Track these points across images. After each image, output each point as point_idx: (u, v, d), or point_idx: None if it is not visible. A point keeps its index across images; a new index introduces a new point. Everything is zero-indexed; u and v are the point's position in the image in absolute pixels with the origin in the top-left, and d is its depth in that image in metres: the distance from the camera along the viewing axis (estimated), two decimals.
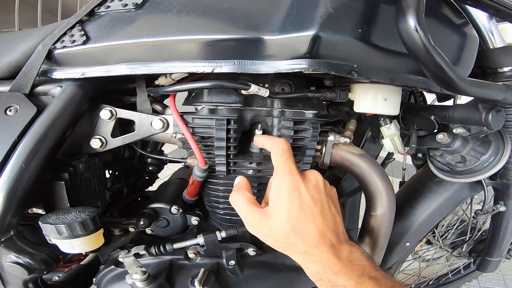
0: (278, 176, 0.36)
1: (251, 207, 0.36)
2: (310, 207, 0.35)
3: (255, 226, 0.36)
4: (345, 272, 0.33)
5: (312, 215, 0.35)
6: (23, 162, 0.35)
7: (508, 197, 0.58)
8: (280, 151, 0.37)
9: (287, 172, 0.36)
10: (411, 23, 0.26)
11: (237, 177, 0.41)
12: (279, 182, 0.36)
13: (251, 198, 0.37)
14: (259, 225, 0.36)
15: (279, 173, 0.36)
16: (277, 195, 0.35)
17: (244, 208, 0.36)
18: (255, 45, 0.33)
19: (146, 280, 0.39)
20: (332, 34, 0.31)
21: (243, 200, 0.37)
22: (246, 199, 0.37)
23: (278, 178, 0.36)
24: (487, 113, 0.36)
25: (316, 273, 0.34)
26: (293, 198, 0.35)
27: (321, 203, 0.36)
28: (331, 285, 0.33)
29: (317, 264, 0.34)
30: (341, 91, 0.42)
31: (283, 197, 0.35)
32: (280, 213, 0.34)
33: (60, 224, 0.35)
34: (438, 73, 0.27)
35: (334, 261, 0.34)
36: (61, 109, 0.37)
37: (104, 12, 0.38)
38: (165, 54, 0.36)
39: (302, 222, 0.34)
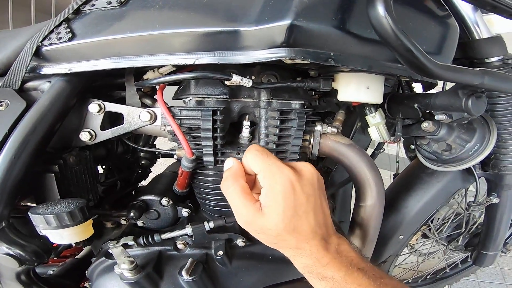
0: (268, 174, 0.35)
1: (245, 200, 0.34)
2: (303, 204, 0.34)
3: (247, 221, 0.35)
4: (334, 264, 0.33)
5: (305, 212, 0.34)
6: (13, 154, 0.36)
7: (501, 188, 0.58)
8: (256, 153, 0.36)
9: (274, 169, 0.34)
10: (380, 10, 0.27)
11: (228, 160, 0.38)
12: (269, 181, 0.34)
13: (246, 188, 0.35)
14: (252, 221, 0.34)
15: (266, 172, 0.35)
16: (270, 194, 0.34)
17: (238, 200, 0.34)
18: (234, 37, 0.34)
19: (134, 269, 0.40)
20: (307, 23, 0.32)
21: (237, 190, 0.34)
22: (241, 189, 0.34)
23: (269, 177, 0.35)
24: (467, 99, 0.37)
25: (305, 266, 0.35)
26: (287, 197, 0.33)
27: (314, 199, 0.35)
28: (320, 277, 0.34)
29: (307, 257, 0.34)
30: (324, 80, 0.42)
31: (277, 196, 0.33)
32: (274, 213, 0.33)
33: (49, 214, 0.36)
34: (409, 58, 0.28)
35: (323, 253, 0.34)
36: (49, 103, 0.38)
37: (89, 10, 0.39)
38: (148, 48, 0.37)
39: (295, 220, 0.33)
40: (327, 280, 0.33)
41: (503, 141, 0.50)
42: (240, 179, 0.35)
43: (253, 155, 0.36)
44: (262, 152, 0.36)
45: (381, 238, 0.65)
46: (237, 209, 0.35)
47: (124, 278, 0.41)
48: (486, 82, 0.33)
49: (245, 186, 0.35)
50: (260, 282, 0.49)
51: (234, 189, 0.35)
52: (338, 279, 0.33)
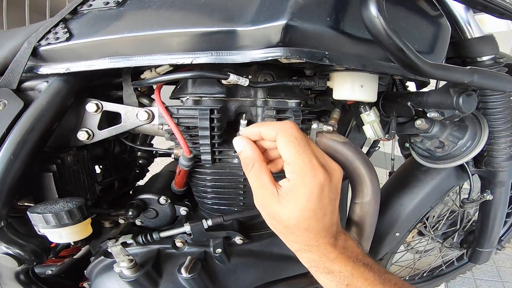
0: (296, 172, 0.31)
1: (264, 181, 0.32)
2: (325, 207, 0.32)
3: (262, 203, 0.33)
4: (341, 259, 0.33)
5: (324, 214, 0.32)
6: (11, 154, 0.36)
7: (495, 185, 0.59)
8: (291, 141, 0.31)
9: (307, 170, 0.31)
10: (372, 10, 0.28)
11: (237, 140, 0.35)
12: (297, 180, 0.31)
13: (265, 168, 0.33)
14: (266, 205, 0.33)
15: (297, 169, 0.31)
16: (293, 192, 0.31)
17: (256, 180, 0.33)
18: (231, 37, 0.35)
19: (133, 267, 0.41)
20: (302, 23, 0.32)
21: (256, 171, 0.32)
22: (259, 169, 0.32)
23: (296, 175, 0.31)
24: (458, 96, 0.38)
25: (311, 260, 0.34)
26: (312, 199, 0.31)
27: (335, 202, 0.34)
28: (327, 271, 0.33)
29: (314, 253, 0.34)
30: (319, 79, 0.43)
31: (299, 197, 0.31)
32: (292, 208, 0.31)
33: (47, 213, 0.36)
34: (401, 57, 0.29)
35: (330, 250, 0.33)
36: (47, 103, 0.39)
37: (86, 10, 0.40)
38: (145, 48, 0.37)
39: (312, 221, 0.32)
40: (334, 274, 0.33)
41: (496, 138, 0.51)
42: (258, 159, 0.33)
43: (287, 141, 0.31)
44: (299, 141, 0.31)
45: (377, 236, 0.66)
46: (256, 189, 0.33)
47: (124, 276, 0.42)
48: (476, 80, 0.34)
49: (263, 166, 0.33)
50: (258, 279, 0.49)
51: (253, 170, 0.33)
52: (346, 274, 0.33)
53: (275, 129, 0.32)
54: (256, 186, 0.33)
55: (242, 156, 0.34)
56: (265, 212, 0.34)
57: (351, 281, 0.33)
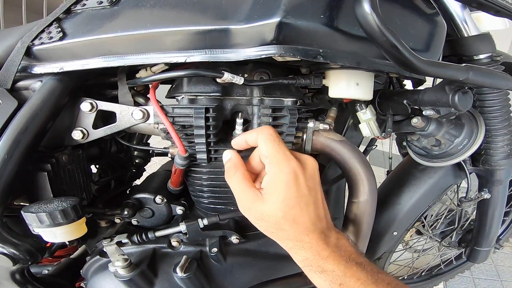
0: (274, 163, 0.34)
1: (246, 186, 0.35)
2: (305, 196, 0.34)
3: (247, 207, 0.35)
4: (333, 258, 0.33)
5: (306, 204, 0.34)
6: (5, 153, 0.36)
7: (492, 183, 0.59)
8: (268, 137, 0.35)
9: (282, 158, 0.34)
10: (366, 7, 0.28)
11: (226, 152, 0.38)
12: (275, 169, 0.34)
13: (247, 175, 0.36)
14: (251, 207, 0.35)
15: (274, 160, 0.34)
16: (273, 183, 0.34)
17: (238, 186, 0.35)
18: (225, 35, 0.35)
19: (128, 267, 0.40)
20: (296, 20, 0.32)
21: (238, 177, 0.35)
22: (241, 175, 0.35)
23: (274, 165, 0.34)
24: (453, 94, 0.37)
25: (305, 259, 0.34)
26: (290, 186, 0.34)
27: (315, 193, 0.36)
28: (320, 270, 0.34)
29: (307, 250, 0.34)
30: (315, 77, 0.43)
31: (279, 185, 0.34)
32: (275, 200, 0.33)
33: (41, 213, 0.36)
34: (395, 54, 0.29)
35: (323, 247, 0.34)
36: (41, 102, 0.38)
37: (80, 10, 0.39)
38: (139, 47, 0.37)
39: (296, 210, 0.34)
40: (327, 273, 0.33)
41: (493, 136, 0.51)
42: (240, 167, 0.36)
43: (266, 138, 0.35)
44: (275, 137, 0.35)
45: (375, 235, 0.66)
46: (238, 195, 0.35)
47: (119, 275, 0.42)
48: (471, 77, 0.33)
49: (245, 174, 0.36)
50: (254, 279, 0.49)
51: (235, 176, 0.35)
52: (338, 273, 0.33)
53: (255, 131, 0.37)
54: (239, 192, 0.35)
55: (227, 165, 0.37)
56: (252, 215, 0.35)
57: (344, 281, 0.33)
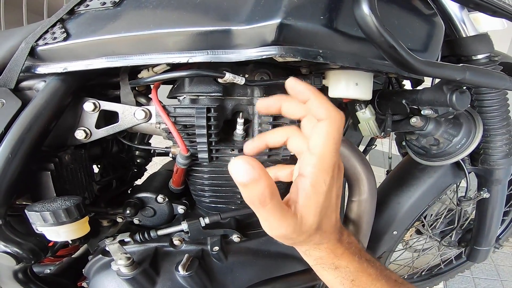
0: (321, 167, 0.26)
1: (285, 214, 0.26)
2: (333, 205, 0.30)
3: (285, 234, 0.28)
4: (347, 255, 0.33)
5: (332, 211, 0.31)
6: (9, 153, 0.37)
7: (491, 183, 0.59)
8: (336, 134, 0.26)
9: (331, 167, 0.27)
10: (364, 8, 0.28)
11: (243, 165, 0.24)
12: (318, 177, 0.27)
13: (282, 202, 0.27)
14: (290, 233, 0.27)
15: (322, 164, 0.26)
16: (312, 193, 0.27)
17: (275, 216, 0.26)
18: (227, 36, 0.35)
19: (131, 265, 0.41)
20: (297, 22, 0.33)
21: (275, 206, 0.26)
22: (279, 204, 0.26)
23: (319, 170, 0.26)
24: (451, 94, 0.38)
25: (318, 258, 0.33)
26: (326, 199, 0.28)
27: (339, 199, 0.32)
28: (334, 267, 0.33)
29: (322, 251, 0.33)
30: (315, 77, 0.44)
31: (318, 197, 0.27)
32: (312, 214, 0.28)
33: (45, 212, 0.37)
34: (393, 54, 0.29)
35: (337, 245, 0.33)
36: (45, 102, 0.39)
37: (83, 11, 0.40)
38: (142, 47, 0.38)
39: (324, 219, 0.30)
40: (340, 270, 0.33)
41: (492, 136, 0.51)
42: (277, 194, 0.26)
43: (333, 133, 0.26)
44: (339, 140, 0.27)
45: (375, 234, 0.66)
46: (276, 224, 0.27)
47: (121, 274, 0.42)
48: (468, 77, 0.34)
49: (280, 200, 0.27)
50: (255, 277, 0.49)
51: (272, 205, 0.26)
52: (351, 269, 0.33)
53: (327, 110, 0.26)
54: (277, 221, 0.27)
55: (250, 190, 0.25)
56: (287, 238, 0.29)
57: (356, 277, 0.33)
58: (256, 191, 0.24)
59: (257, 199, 0.25)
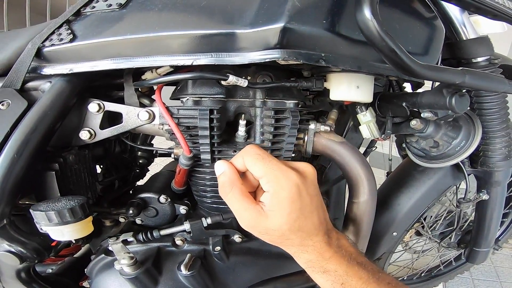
0: (271, 180, 0.33)
1: (246, 204, 0.33)
2: (308, 205, 0.34)
3: (250, 224, 0.34)
4: (336, 258, 0.34)
5: (310, 212, 0.34)
6: (15, 153, 0.37)
7: (491, 185, 0.60)
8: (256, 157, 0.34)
9: (279, 174, 0.33)
10: (366, 13, 0.29)
11: (218, 164, 0.36)
12: (275, 187, 0.33)
13: (244, 191, 0.34)
14: (255, 224, 0.34)
15: (271, 177, 0.33)
16: (276, 199, 0.33)
17: (238, 204, 0.34)
18: (231, 39, 0.36)
19: (133, 265, 0.41)
20: (300, 25, 0.33)
21: (236, 194, 0.34)
22: (240, 192, 0.34)
23: (272, 183, 0.33)
24: (450, 97, 0.39)
25: (308, 261, 0.35)
26: (294, 200, 0.33)
27: (316, 199, 0.35)
28: (323, 270, 0.34)
29: (310, 253, 0.35)
30: (317, 80, 0.44)
31: (282, 201, 0.33)
32: (280, 216, 0.33)
33: (50, 211, 0.37)
34: (393, 58, 0.30)
35: (326, 248, 0.34)
36: (50, 102, 0.39)
37: (89, 12, 0.41)
38: (147, 49, 0.38)
39: (301, 220, 0.33)
40: (329, 273, 0.34)
41: (491, 138, 0.52)
42: (237, 183, 0.35)
43: (254, 159, 0.34)
44: (263, 155, 0.35)
45: (375, 235, 0.66)
46: (239, 213, 0.34)
47: (124, 273, 0.42)
48: (468, 81, 0.35)
49: (243, 189, 0.34)
50: (257, 277, 0.50)
51: (233, 194, 0.34)
52: (341, 272, 0.34)
53: (240, 155, 0.36)
54: (239, 210, 0.34)
55: (221, 179, 0.36)
56: (257, 231, 0.35)
57: (346, 280, 0.33)
58: (220, 182, 0.36)
59: (222, 188, 0.35)
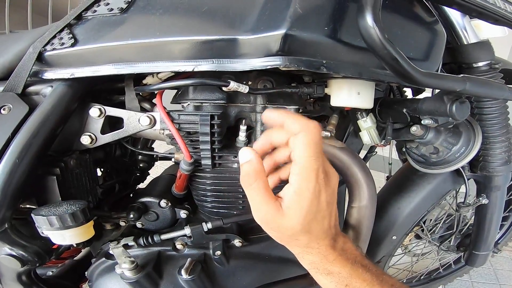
0: (303, 177, 0.31)
1: (268, 198, 0.32)
2: (324, 210, 0.33)
3: (265, 218, 0.33)
4: (340, 261, 0.34)
5: (323, 217, 0.34)
6: (17, 157, 0.37)
7: (490, 189, 0.60)
8: (312, 142, 0.30)
9: (313, 174, 0.31)
10: (368, 20, 0.29)
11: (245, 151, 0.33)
12: (302, 185, 0.31)
13: (267, 185, 0.33)
14: (270, 219, 0.33)
15: (304, 173, 0.31)
16: (297, 198, 0.31)
17: (259, 197, 0.32)
18: (232, 45, 0.36)
19: (134, 269, 0.41)
20: (301, 32, 0.33)
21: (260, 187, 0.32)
22: (263, 186, 0.32)
23: (303, 180, 0.31)
24: (451, 104, 0.39)
25: (311, 262, 0.35)
26: (313, 204, 0.32)
27: (332, 206, 0.35)
28: (327, 272, 0.34)
29: (314, 255, 0.35)
30: (317, 86, 0.44)
31: (303, 201, 0.31)
32: (296, 216, 0.32)
33: (52, 216, 0.37)
34: (395, 66, 0.30)
35: (330, 251, 0.34)
36: (52, 107, 0.40)
37: (91, 16, 0.41)
38: (148, 55, 0.38)
39: (313, 224, 0.33)
40: (333, 275, 0.34)
41: (491, 144, 0.52)
42: (262, 175, 0.32)
43: (310, 143, 0.30)
44: (318, 148, 0.31)
45: (374, 239, 0.67)
46: (258, 206, 0.33)
47: (125, 277, 0.42)
48: (468, 88, 0.35)
49: (267, 183, 0.33)
50: (257, 281, 0.50)
51: (257, 185, 0.32)
52: (344, 275, 0.34)
53: (300, 124, 0.30)
54: (258, 203, 0.32)
55: (245, 168, 0.32)
56: (269, 226, 0.34)
57: (350, 282, 0.34)
58: (245, 171, 0.32)
59: (245, 178, 0.32)
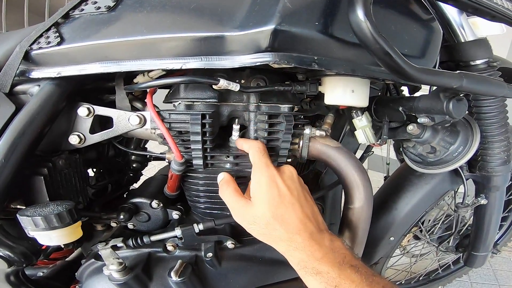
0: (256, 170, 0.40)
1: (237, 197, 0.40)
2: (287, 195, 0.39)
3: (240, 214, 0.40)
4: (327, 259, 0.34)
5: (290, 202, 0.38)
6: (3, 157, 0.37)
7: (489, 189, 0.59)
8: (257, 150, 0.41)
9: (263, 165, 0.40)
10: (359, 14, 0.28)
11: (220, 174, 0.44)
12: (257, 175, 0.40)
13: (237, 188, 0.41)
14: (244, 213, 0.39)
15: (257, 167, 0.40)
16: (257, 186, 0.39)
17: (231, 198, 0.40)
18: (220, 42, 0.35)
19: (122, 270, 0.40)
20: (291, 28, 0.33)
21: (229, 190, 0.41)
22: (233, 189, 0.41)
23: (256, 172, 0.40)
24: (448, 102, 0.38)
25: (300, 260, 0.36)
26: (271, 186, 0.39)
27: (297, 193, 0.40)
28: (315, 272, 0.34)
29: (300, 251, 0.36)
30: (311, 84, 0.43)
31: (262, 187, 0.39)
32: (261, 201, 0.38)
33: (37, 216, 0.36)
34: (388, 61, 0.29)
35: (316, 247, 0.35)
36: (38, 106, 0.39)
37: (78, 15, 0.40)
38: (136, 53, 0.38)
39: (282, 208, 0.37)
40: (322, 275, 0.34)
41: (490, 143, 0.51)
42: (231, 184, 0.42)
43: (255, 150, 0.42)
44: (262, 151, 0.42)
45: (372, 240, 0.66)
46: (231, 205, 0.40)
47: (113, 279, 0.42)
48: (465, 85, 0.34)
49: (236, 187, 0.42)
50: (249, 284, 0.49)
51: (228, 191, 0.41)
52: (333, 274, 0.34)
53: (248, 144, 0.43)
54: (231, 202, 0.40)
55: (220, 184, 0.43)
56: (246, 221, 0.39)
57: (339, 282, 0.33)
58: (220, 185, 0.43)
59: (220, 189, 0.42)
